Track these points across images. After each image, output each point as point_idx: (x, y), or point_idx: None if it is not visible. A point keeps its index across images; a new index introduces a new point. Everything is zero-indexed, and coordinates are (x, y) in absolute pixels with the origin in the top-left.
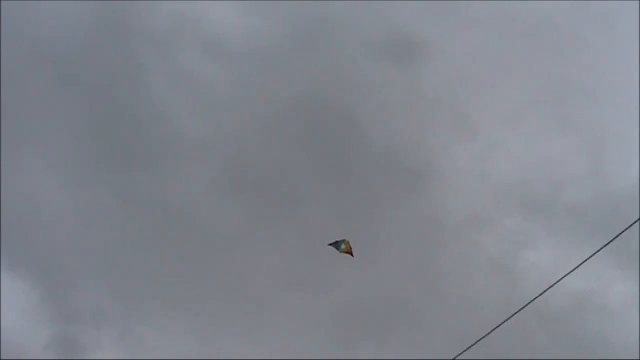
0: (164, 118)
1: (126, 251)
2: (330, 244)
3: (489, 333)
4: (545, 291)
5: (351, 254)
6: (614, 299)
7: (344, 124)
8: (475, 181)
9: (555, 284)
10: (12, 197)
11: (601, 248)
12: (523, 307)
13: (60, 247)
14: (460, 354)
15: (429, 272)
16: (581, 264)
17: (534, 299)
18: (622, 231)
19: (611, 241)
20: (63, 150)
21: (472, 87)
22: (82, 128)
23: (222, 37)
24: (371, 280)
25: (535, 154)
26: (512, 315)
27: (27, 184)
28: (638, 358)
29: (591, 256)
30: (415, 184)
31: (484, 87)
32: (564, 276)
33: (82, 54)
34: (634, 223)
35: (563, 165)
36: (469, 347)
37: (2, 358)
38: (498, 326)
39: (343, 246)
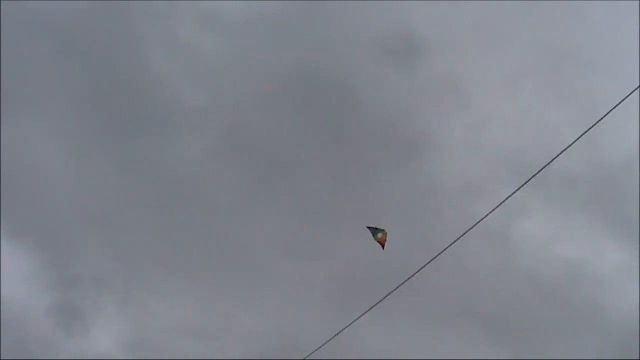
0: (162, 87)
1: (126, 218)
2: (369, 227)
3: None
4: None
5: (383, 245)
6: (607, 267)
7: (341, 94)
8: (470, 150)
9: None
10: (13, 164)
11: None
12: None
13: (61, 214)
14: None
15: (424, 239)
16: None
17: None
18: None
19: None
20: (63, 119)
21: (467, 56)
22: (82, 97)
23: (220, 7)
24: (368, 248)
25: (530, 123)
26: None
27: (28, 152)
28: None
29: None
30: (411, 153)
31: (479, 56)
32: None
33: (81, 25)
34: None
35: (558, 134)
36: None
37: (3, 325)
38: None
39: (380, 235)
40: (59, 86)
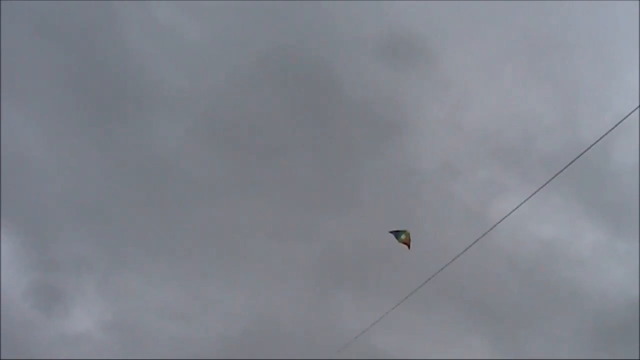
0: (143, 71)
1: (107, 200)
2: (391, 232)
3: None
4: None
5: (408, 245)
6: (584, 247)
7: (322, 77)
8: (449, 132)
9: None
10: None
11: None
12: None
13: (41, 196)
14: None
15: (404, 219)
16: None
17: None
18: None
19: None
20: (44, 103)
21: (447, 38)
22: (62, 81)
23: None
24: (350, 228)
25: (508, 105)
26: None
27: (9, 135)
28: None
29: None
30: (391, 135)
31: (459, 38)
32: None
33: (60, 9)
34: None
35: (535, 116)
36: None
37: None
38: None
39: (403, 236)
40: (39, 71)
